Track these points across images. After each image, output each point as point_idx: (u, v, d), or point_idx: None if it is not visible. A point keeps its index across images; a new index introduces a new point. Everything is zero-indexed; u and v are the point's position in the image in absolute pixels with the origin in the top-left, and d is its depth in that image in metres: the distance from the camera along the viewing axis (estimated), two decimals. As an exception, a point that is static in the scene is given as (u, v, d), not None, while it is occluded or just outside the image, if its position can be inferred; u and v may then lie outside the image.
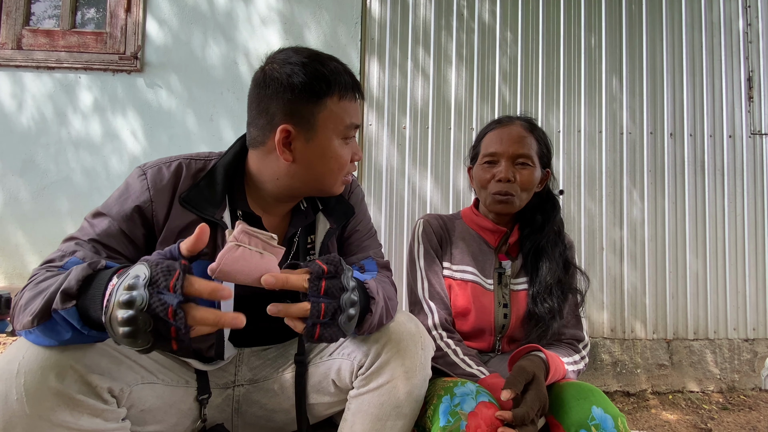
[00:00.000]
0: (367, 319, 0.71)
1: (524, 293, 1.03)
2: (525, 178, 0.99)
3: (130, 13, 2.20)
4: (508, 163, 0.99)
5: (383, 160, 2.26)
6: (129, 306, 0.49)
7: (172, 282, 0.50)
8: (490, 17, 2.34)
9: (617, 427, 0.75)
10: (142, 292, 0.49)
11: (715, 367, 2.24)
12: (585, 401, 0.79)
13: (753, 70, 2.36)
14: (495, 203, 1.01)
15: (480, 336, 1.04)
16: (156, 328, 0.50)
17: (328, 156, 0.78)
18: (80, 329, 0.55)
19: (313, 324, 0.60)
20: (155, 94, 2.20)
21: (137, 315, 0.49)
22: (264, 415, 0.87)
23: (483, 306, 1.02)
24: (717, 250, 2.30)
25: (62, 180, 2.15)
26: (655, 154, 2.32)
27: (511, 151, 0.99)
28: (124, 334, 0.49)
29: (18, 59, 2.16)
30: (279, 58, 0.76)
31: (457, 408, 0.76)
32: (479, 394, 0.79)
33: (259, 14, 2.26)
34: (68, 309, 0.54)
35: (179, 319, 0.50)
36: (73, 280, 0.55)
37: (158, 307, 0.49)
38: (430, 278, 1.04)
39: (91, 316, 0.55)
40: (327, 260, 0.64)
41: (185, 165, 0.80)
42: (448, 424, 0.74)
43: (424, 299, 1.03)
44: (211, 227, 0.78)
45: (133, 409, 0.69)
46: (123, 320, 0.49)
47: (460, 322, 1.04)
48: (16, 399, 0.55)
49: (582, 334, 1.03)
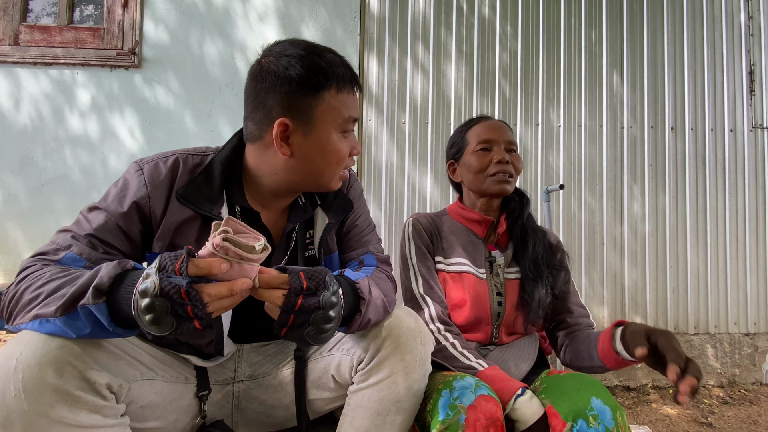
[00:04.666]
0: (356, 318, 0.71)
1: (517, 282, 1.06)
2: (517, 162, 1.08)
3: (127, 9, 2.19)
4: (504, 149, 1.07)
5: (382, 156, 2.25)
6: (145, 294, 0.53)
7: (177, 265, 0.54)
8: (489, 11, 2.33)
9: (615, 419, 0.75)
10: (153, 278, 0.53)
11: (716, 361, 2.24)
12: (585, 391, 0.79)
13: (754, 64, 2.34)
14: (496, 183, 1.06)
15: (477, 327, 1.04)
16: (174, 311, 0.53)
17: (326, 150, 0.77)
18: (106, 325, 0.58)
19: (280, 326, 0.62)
20: (153, 90, 2.19)
21: (153, 301, 0.52)
22: (264, 411, 0.87)
23: (478, 294, 1.03)
24: (718, 244, 2.30)
25: (60, 177, 2.14)
26: (655, 148, 2.32)
27: (504, 137, 1.08)
28: (149, 321, 0.53)
29: (15, 55, 2.14)
30: (275, 51, 0.75)
31: (456, 402, 0.76)
32: (478, 387, 0.79)
33: (256, 10, 2.25)
34: (99, 305, 0.57)
35: (193, 297, 0.53)
36: (105, 277, 0.58)
37: (170, 290, 0.52)
38: (423, 274, 1.06)
39: (121, 312, 0.58)
40: (310, 275, 0.63)
41: (182, 160, 0.80)
42: (447, 417, 0.74)
43: (420, 294, 1.04)
44: (208, 223, 0.78)
45: (132, 405, 0.69)
46: (143, 308, 0.53)
47: (456, 315, 1.05)
48: (14, 395, 0.54)
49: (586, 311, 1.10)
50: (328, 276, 0.64)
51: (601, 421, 0.74)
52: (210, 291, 0.55)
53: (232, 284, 0.57)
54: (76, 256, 0.68)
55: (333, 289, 0.64)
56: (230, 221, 0.59)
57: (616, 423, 0.74)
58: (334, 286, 0.64)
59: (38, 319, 0.59)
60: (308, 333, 0.62)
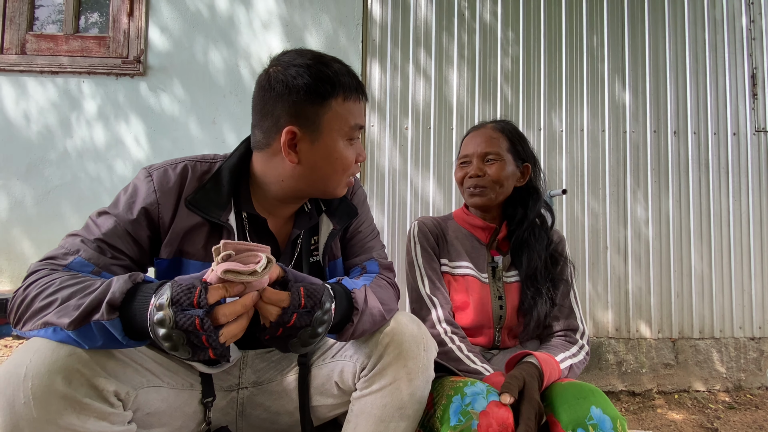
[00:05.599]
0: (347, 328, 0.72)
1: (516, 285, 1.08)
2: (494, 171, 1.08)
3: (132, 17, 2.21)
4: (479, 161, 1.09)
5: (385, 162, 2.26)
6: (162, 325, 0.56)
7: (195, 299, 0.57)
8: (491, 17, 2.34)
9: (615, 428, 0.75)
10: (168, 312, 0.55)
11: (721, 366, 2.23)
12: (584, 401, 0.79)
13: (757, 67, 2.34)
14: (470, 197, 1.11)
15: (480, 331, 1.06)
16: (190, 341, 0.56)
17: (333, 157, 0.78)
18: (120, 339, 0.59)
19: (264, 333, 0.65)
20: (158, 97, 2.21)
21: (170, 332, 0.55)
22: (268, 418, 0.87)
23: (480, 297, 1.06)
24: (722, 248, 2.29)
25: (66, 184, 2.16)
26: (658, 152, 2.32)
27: (479, 150, 1.10)
28: (168, 348, 0.56)
29: (22, 64, 2.17)
30: (283, 61, 0.77)
31: (468, 407, 0.76)
32: (490, 393, 0.79)
33: (260, 18, 2.27)
34: (113, 320, 0.58)
35: (207, 326, 0.56)
36: (117, 293, 0.59)
37: (185, 322, 0.55)
38: (429, 275, 1.08)
39: (134, 326, 0.59)
40: (309, 293, 0.65)
41: (191, 167, 0.81)
42: (459, 423, 0.75)
43: (427, 295, 1.06)
44: (216, 229, 0.79)
45: (138, 412, 0.69)
46: (161, 337, 0.56)
47: (459, 317, 1.07)
48: (23, 403, 0.55)
49: (576, 323, 1.06)
50: (325, 294, 0.66)
51: (600, 431, 0.74)
52: (225, 311, 0.58)
53: (245, 300, 0.60)
54: (85, 261, 0.69)
55: (326, 307, 0.66)
56: (228, 244, 0.61)
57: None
58: (327, 304, 0.66)
59: (50, 327, 0.59)
60: (292, 344, 0.65)
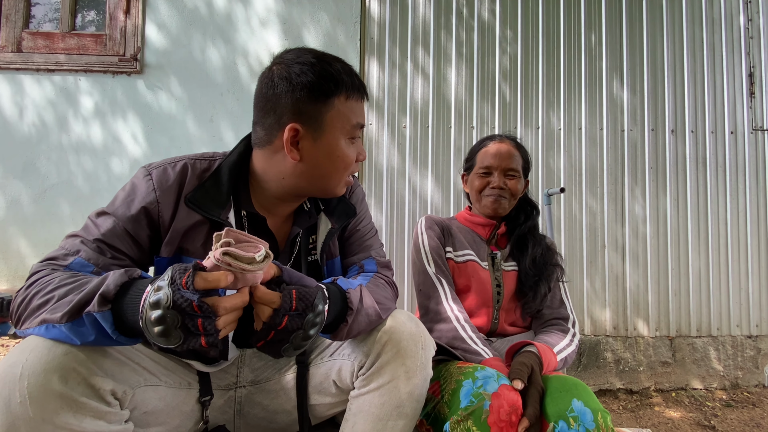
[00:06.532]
0: (341, 328, 0.73)
1: (513, 273, 1.19)
2: (513, 186, 1.20)
3: (129, 15, 2.20)
4: (500, 175, 1.19)
5: (384, 160, 2.26)
6: (157, 306, 0.53)
7: (183, 280, 0.55)
8: (489, 15, 2.34)
9: (596, 420, 0.77)
10: (166, 290, 0.54)
11: (719, 364, 2.24)
12: (567, 393, 0.82)
13: (754, 66, 2.35)
14: (491, 204, 1.20)
15: (480, 310, 1.15)
16: (184, 324, 0.54)
17: (335, 155, 0.79)
18: (110, 333, 0.58)
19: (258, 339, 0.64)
20: (155, 95, 2.20)
21: (165, 313, 0.53)
22: (266, 416, 0.87)
23: (481, 280, 1.16)
24: (719, 246, 2.30)
25: (63, 183, 2.15)
26: (656, 151, 2.32)
27: (503, 165, 1.19)
28: (158, 333, 0.54)
29: (18, 62, 2.16)
30: (287, 59, 0.77)
31: (480, 390, 0.80)
32: (500, 377, 0.84)
33: (257, 16, 2.26)
34: (104, 312, 0.57)
35: (205, 310, 0.54)
36: (111, 285, 0.58)
37: (183, 303, 0.53)
38: (435, 259, 1.16)
39: (126, 321, 0.58)
40: (301, 296, 0.65)
41: (190, 165, 0.80)
42: (470, 404, 0.78)
43: (434, 275, 1.14)
44: (216, 227, 0.78)
45: (135, 411, 0.69)
46: (154, 320, 0.53)
47: (462, 300, 1.15)
48: (19, 402, 0.55)
49: (567, 312, 1.16)
50: (318, 297, 0.66)
51: (581, 423, 0.76)
52: (225, 304, 0.57)
53: (244, 296, 0.59)
54: (85, 261, 0.69)
55: (318, 309, 0.65)
56: (230, 232, 0.60)
57: (597, 425, 0.77)
58: (320, 306, 0.66)
59: (44, 324, 0.59)
60: (284, 348, 0.64)
